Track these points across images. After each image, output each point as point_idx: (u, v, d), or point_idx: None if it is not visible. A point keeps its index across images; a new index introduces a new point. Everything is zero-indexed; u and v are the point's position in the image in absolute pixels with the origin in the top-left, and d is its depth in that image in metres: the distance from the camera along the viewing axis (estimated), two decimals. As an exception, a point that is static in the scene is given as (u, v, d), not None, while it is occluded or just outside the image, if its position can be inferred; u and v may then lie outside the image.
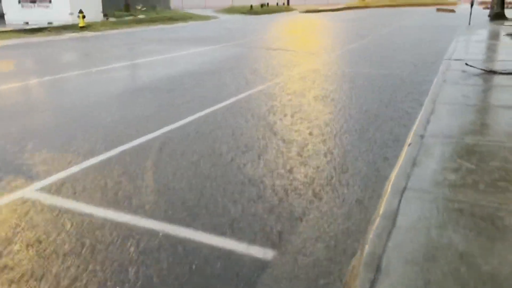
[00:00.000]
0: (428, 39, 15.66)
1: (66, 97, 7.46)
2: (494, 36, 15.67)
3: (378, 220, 3.02)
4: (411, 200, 3.28)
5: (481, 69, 8.21)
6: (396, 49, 12.89)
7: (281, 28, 22.82)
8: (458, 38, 14.39)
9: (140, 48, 14.39)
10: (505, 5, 24.20)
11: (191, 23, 27.08)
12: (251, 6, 38.69)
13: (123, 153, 4.58)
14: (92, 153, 4.55)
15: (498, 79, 7.54)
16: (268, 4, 42.14)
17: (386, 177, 3.91)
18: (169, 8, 39.05)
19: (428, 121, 5.21)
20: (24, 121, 5.84)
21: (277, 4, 44.46)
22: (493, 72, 8.05)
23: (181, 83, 8.29)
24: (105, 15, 26.03)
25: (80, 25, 20.70)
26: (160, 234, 3.03)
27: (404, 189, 3.46)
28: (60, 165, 4.25)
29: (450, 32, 16.71)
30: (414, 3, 53.58)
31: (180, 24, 26.01)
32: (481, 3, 41.43)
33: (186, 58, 11.74)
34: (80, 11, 20.63)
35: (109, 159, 4.41)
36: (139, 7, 33.84)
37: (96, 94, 7.52)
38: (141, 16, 26.97)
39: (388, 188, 3.55)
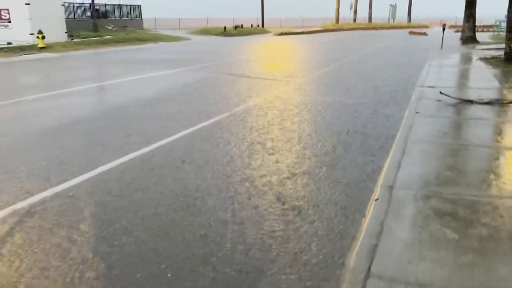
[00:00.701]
0: (400, 62, 15.16)
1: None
2: (467, 61, 15.33)
3: None
4: (375, 297, 2.38)
5: (457, 99, 7.54)
6: (368, 74, 12.26)
7: (252, 52, 22.18)
8: (431, 62, 13.94)
9: (96, 71, 13.42)
10: (476, 29, 24.26)
11: (161, 44, 26.22)
12: (225, 28, 38.20)
13: None
14: None
15: (475, 110, 6.86)
16: (242, 26, 41.75)
17: (347, 249, 3.02)
18: (141, 28, 38.21)
19: (399, 166, 4.39)
20: None
21: (252, 26, 44.11)
22: (469, 102, 7.39)
23: (125, 113, 7.31)
24: (70, 35, 24.95)
25: (40, 45, 19.55)
26: None
27: (367, 276, 2.57)
28: None
29: (423, 56, 16.31)
30: (387, 26, 54.37)
31: (149, 45, 25.11)
32: (453, 26, 42.15)
33: (142, 83, 10.79)
34: (40, 32, 19.51)
35: None
36: (110, 27, 32.88)
37: (19, 130, 6.40)
38: (107, 37, 25.96)
39: (346, 275, 2.65)
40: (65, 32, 24.38)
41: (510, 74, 10.92)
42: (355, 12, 60.35)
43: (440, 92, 7.89)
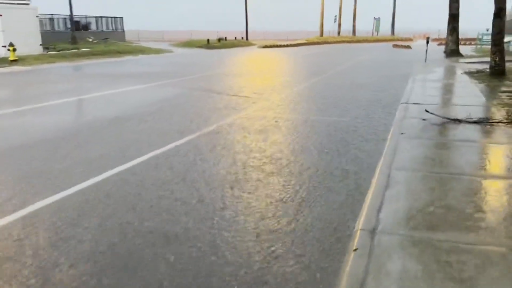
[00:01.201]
0: (384, 76, 14.75)
1: None
2: (451, 75, 14.99)
3: None
4: None
5: (444, 117, 7.02)
6: (350, 89, 11.76)
7: (233, 65, 21.65)
8: (415, 77, 13.52)
9: (65, 86, 12.66)
10: (460, 42, 24.16)
11: (140, 57, 25.57)
12: (208, 40, 37.75)
13: None
14: None
15: (464, 131, 6.32)
16: (226, 38, 41.35)
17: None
18: (123, 40, 37.51)
19: (382, 201, 3.78)
20: None
21: (236, 38, 43.76)
22: (457, 121, 6.86)
23: (84, 135, 6.62)
24: (46, 47, 24.14)
25: (11, 58, 18.76)
26: None
27: None
28: None
29: (407, 69, 15.94)
30: (371, 39, 54.66)
31: (128, 58, 24.42)
32: (436, 39, 42.43)
33: (110, 99, 10.10)
34: (11, 44, 18.72)
35: None
36: (90, 39, 32.11)
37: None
38: (85, 49, 25.20)
39: None
40: (40, 45, 23.61)
41: (496, 89, 10.52)
42: (339, 25, 60.62)
43: (426, 111, 7.37)
